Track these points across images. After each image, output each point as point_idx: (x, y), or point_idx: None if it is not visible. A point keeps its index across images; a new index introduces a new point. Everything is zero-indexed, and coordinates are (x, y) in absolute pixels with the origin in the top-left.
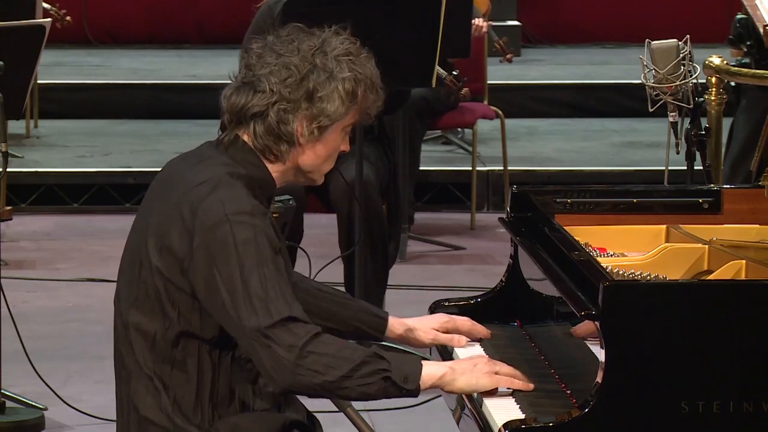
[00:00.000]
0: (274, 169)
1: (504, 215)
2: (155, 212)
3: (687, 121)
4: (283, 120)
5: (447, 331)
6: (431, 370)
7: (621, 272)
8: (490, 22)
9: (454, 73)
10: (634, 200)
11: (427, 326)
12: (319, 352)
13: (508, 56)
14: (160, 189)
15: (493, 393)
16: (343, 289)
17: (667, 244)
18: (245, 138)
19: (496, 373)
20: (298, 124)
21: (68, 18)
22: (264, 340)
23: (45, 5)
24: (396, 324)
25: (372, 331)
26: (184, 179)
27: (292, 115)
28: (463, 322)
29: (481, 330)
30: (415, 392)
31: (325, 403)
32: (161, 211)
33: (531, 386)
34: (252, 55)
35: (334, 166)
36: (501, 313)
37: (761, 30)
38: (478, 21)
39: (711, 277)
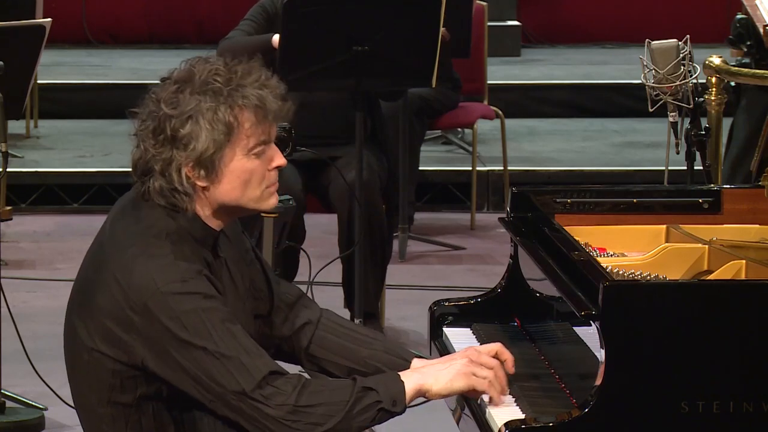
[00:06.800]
0: (202, 214)
1: (504, 215)
2: (87, 268)
3: (687, 121)
4: (166, 172)
5: None
6: (410, 382)
7: (621, 272)
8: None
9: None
10: (634, 200)
11: None
12: (313, 404)
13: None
14: (100, 237)
15: (476, 393)
16: (341, 288)
17: (667, 244)
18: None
19: (474, 374)
20: (184, 171)
21: None
22: (251, 402)
23: None
24: (420, 365)
25: None
26: (114, 237)
27: (171, 165)
28: (488, 360)
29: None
30: (402, 412)
31: None
32: (90, 273)
33: (506, 392)
34: (142, 104)
35: (331, 168)
36: (501, 313)
37: (761, 30)
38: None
39: (711, 277)
